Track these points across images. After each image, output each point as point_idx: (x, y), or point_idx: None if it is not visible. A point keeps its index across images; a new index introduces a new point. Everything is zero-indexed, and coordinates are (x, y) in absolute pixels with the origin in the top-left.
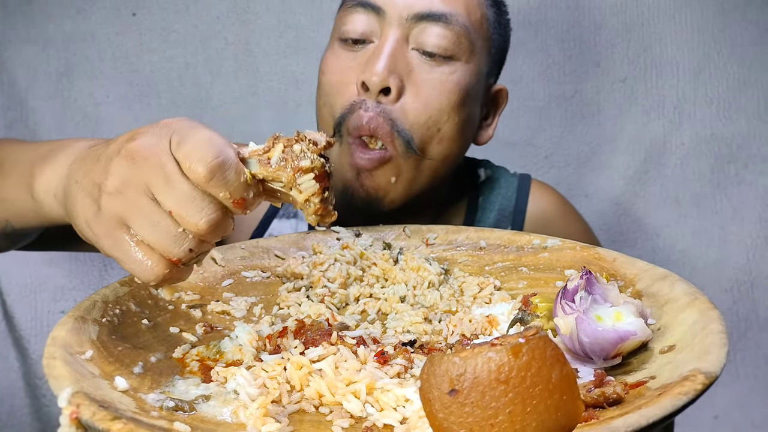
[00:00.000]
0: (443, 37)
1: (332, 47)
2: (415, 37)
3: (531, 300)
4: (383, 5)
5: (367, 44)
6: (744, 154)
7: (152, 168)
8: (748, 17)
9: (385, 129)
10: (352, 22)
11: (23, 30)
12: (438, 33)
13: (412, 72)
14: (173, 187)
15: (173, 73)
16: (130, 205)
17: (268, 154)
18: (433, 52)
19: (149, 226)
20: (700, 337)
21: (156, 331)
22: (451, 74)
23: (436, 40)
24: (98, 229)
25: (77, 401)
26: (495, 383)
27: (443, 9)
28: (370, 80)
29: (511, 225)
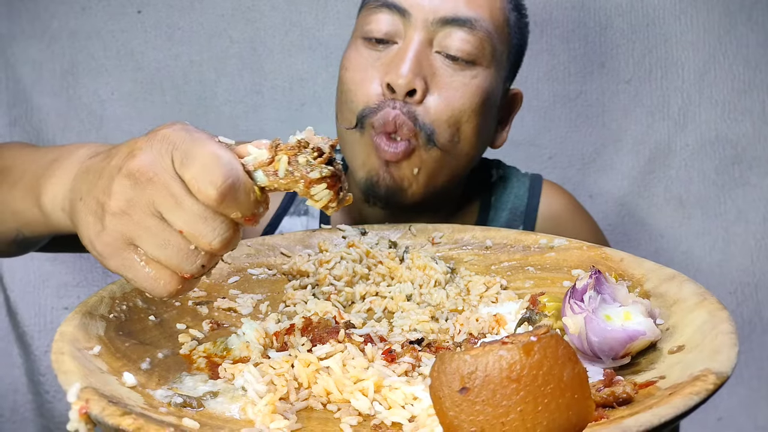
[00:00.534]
0: (467, 41)
1: (355, 44)
2: (439, 40)
3: (539, 299)
4: (409, 8)
5: (390, 44)
6: (749, 156)
7: (157, 189)
8: (753, 18)
9: (409, 125)
10: (377, 21)
11: (28, 27)
12: (462, 38)
13: (435, 74)
14: (182, 208)
15: (178, 70)
16: (137, 226)
17: (273, 165)
18: (456, 56)
19: (159, 246)
20: (709, 338)
21: (163, 327)
22: (473, 78)
23: (460, 45)
24: (104, 249)
25: (86, 396)
26: (506, 381)
27: (468, 14)
28: (396, 82)
29: (523, 224)
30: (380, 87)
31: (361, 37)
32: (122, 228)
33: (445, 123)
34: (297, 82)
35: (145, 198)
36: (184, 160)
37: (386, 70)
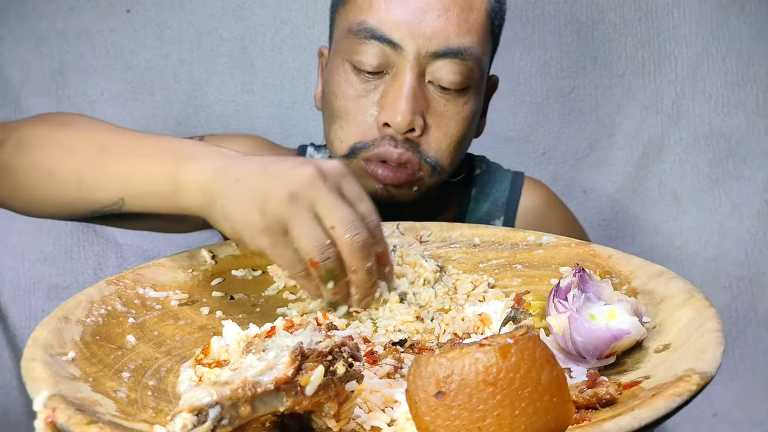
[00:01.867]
0: (458, 73)
1: (343, 71)
2: (431, 72)
3: (524, 298)
4: (401, 41)
5: (382, 75)
6: (743, 149)
7: (322, 193)
8: (746, 11)
9: (415, 161)
10: (366, 53)
11: (16, 27)
12: (454, 70)
13: (430, 106)
14: (340, 209)
15: (168, 70)
16: (295, 214)
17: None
18: (449, 88)
19: (305, 234)
20: (695, 336)
21: (143, 331)
22: (465, 104)
23: (452, 77)
24: (259, 225)
25: (53, 404)
26: (482, 385)
27: (459, 44)
28: (395, 122)
29: (504, 215)
30: (375, 122)
31: (349, 63)
32: (283, 213)
33: (446, 152)
34: (288, 80)
35: (309, 197)
36: (357, 196)
37: (381, 106)
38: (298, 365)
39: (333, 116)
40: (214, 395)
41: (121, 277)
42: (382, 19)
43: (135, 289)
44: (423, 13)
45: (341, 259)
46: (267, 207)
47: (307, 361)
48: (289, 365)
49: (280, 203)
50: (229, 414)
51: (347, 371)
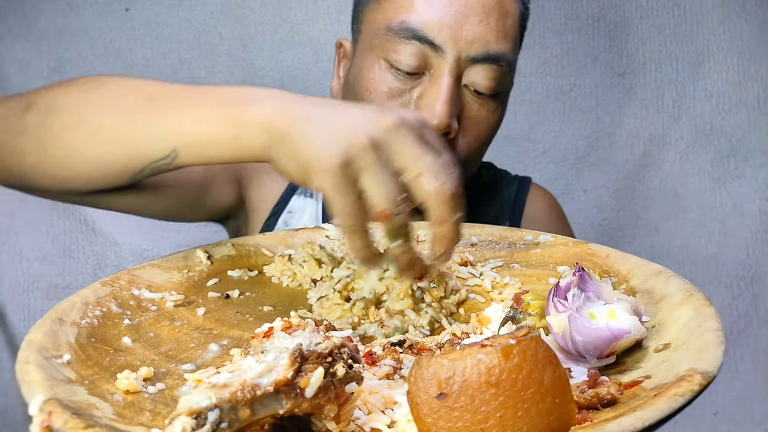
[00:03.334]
0: (494, 79)
1: (378, 68)
2: (468, 76)
3: (523, 298)
4: (442, 44)
5: (420, 76)
6: (744, 148)
7: (409, 141)
8: (747, 9)
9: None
10: (406, 53)
11: (14, 25)
12: (490, 75)
13: (464, 109)
14: (426, 155)
15: (167, 68)
16: (373, 163)
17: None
18: (483, 92)
19: (379, 182)
20: (695, 335)
21: (138, 332)
22: (496, 109)
23: (488, 83)
24: (330, 164)
25: (49, 408)
26: (485, 386)
27: (497, 50)
28: (433, 124)
29: (509, 220)
30: None
31: (385, 60)
32: (357, 157)
33: (474, 154)
34: (288, 78)
35: (393, 142)
36: (441, 146)
37: (418, 106)
38: (298, 367)
39: None
40: (212, 398)
41: (116, 278)
42: (423, 20)
43: (130, 290)
44: (465, 17)
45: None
46: (344, 147)
47: (306, 363)
48: (288, 367)
49: (359, 147)
50: (228, 417)
51: (347, 373)
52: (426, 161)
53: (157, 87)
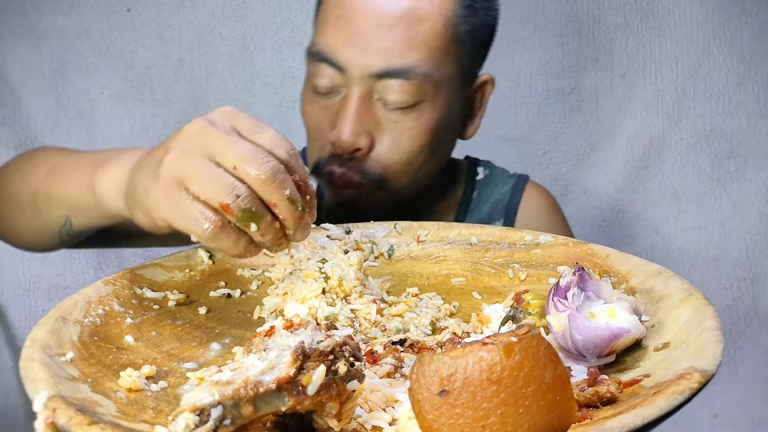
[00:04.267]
0: (404, 91)
1: (307, 91)
2: (378, 91)
3: (523, 297)
4: (344, 64)
5: (335, 95)
6: (744, 150)
7: (214, 136)
8: (747, 11)
9: (355, 180)
10: (319, 76)
11: (16, 26)
12: (399, 89)
13: (379, 123)
14: (237, 147)
15: (168, 69)
16: (190, 166)
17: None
18: (396, 106)
19: (205, 181)
20: (695, 334)
21: (140, 331)
22: (417, 120)
23: (399, 96)
24: (157, 193)
25: (53, 405)
26: (486, 383)
27: (401, 64)
28: (339, 142)
29: (503, 218)
30: (328, 140)
31: (310, 82)
32: (176, 171)
33: (395, 167)
34: (288, 79)
35: (201, 144)
36: (256, 128)
37: (331, 125)
38: (300, 365)
39: (307, 134)
40: (216, 395)
41: (118, 277)
42: (329, 42)
43: (132, 289)
44: (368, 34)
45: (256, 199)
46: (161, 170)
47: (308, 361)
48: (290, 365)
49: (172, 162)
50: (231, 414)
51: (349, 371)
52: (236, 151)
53: (61, 159)
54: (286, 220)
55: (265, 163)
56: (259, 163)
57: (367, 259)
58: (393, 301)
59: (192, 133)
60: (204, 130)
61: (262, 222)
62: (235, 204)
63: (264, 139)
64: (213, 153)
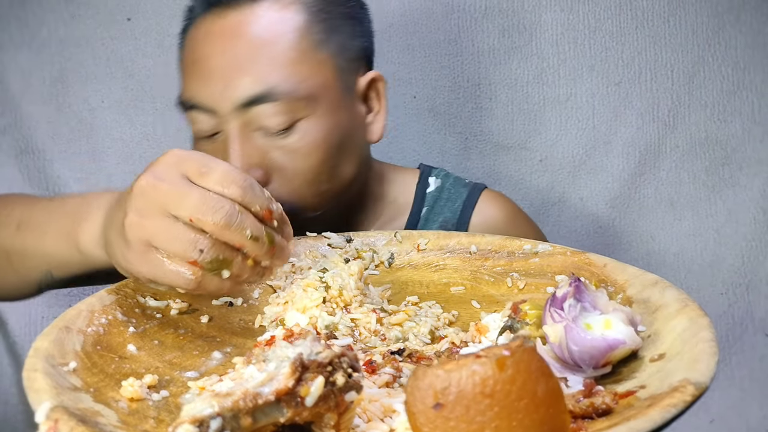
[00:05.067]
0: (276, 113)
1: (194, 141)
2: (253, 122)
3: (520, 307)
4: (211, 104)
5: (218, 136)
6: (739, 157)
7: (164, 191)
8: (742, 20)
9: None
10: (195, 122)
11: (17, 34)
12: (271, 112)
13: (266, 154)
14: (189, 197)
15: (168, 77)
16: (150, 228)
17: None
18: (275, 129)
19: (170, 240)
20: (689, 346)
21: (143, 340)
22: (302, 139)
23: (273, 119)
24: (132, 257)
25: (56, 416)
26: (480, 397)
27: (261, 89)
28: None
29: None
30: None
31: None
32: (140, 234)
33: (297, 192)
34: None
35: (154, 202)
36: (203, 169)
37: None
38: (299, 376)
39: None
40: (215, 407)
41: (122, 286)
42: (191, 88)
43: (135, 298)
44: (220, 70)
45: (222, 246)
46: (127, 236)
47: (307, 372)
48: (289, 376)
49: (132, 226)
50: (230, 425)
51: (347, 382)
52: (189, 202)
53: (25, 212)
54: (256, 257)
55: (218, 210)
56: (213, 211)
57: (368, 267)
58: (393, 310)
59: (143, 191)
60: (153, 187)
61: (233, 266)
62: (202, 258)
63: (214, 179)
64: (168, 208)
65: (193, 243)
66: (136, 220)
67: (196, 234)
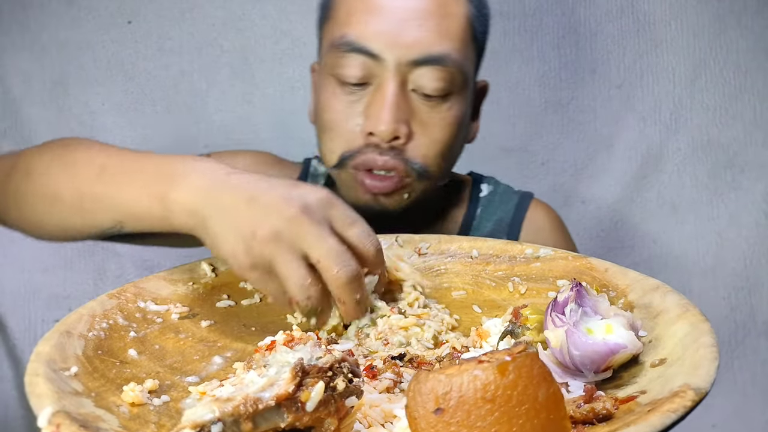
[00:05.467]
0: (440, 79)
1: (329, 85)
2: (413, 80)
3: (522, 312)
4: (381, 53)
5: (366, 86)
6: (740, 160)
7: (308, 228)
8: (743, 23)
9: (401, 167)
10: (349, 66)
11: (18, 38)
12: (435, 76)
13: (414, 113)
14: (325, 242)
15: (169, 80)
16: (277, 255)
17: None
18: (432, 94)
19: (287, 274)
20: (690, 351)
21: (144, 344)
22: (449, 110)
23: (434, 84)
24: (246, 262)
25: (58, 421)
26: (481, 402)
27: (438, 51)
28: (379, 130)
29: (507, 235)
30: (361, 132)
31: (333, 77)
32: (265, 252)
33: (433, 158)
34: (288, 90)
35: (293, 236)
36: (347, 220)
37: (366, 115)
38: (299, 381)
39: (323, 129)
40: (216, 412)
41: (122, 290)
42: (361, 31)
43: (136, 302)
44: (401, 23)
45: (325, 296)
46: (252, 244)
47: (307, 377)
48: (290, 381)
49: (264, 242)
50: (231, 430)
51: (347, 387)
52: (323, 249)
53: (110, 159)
54: (346, 315)
55: (346, 266)
56: (342, 265)
57: None
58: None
59: (288, 219)
60: (299, 221)
61: (321, 318)
62: (303, 304)
63: (354, 232)
64: (301, 244)
65: (305, 289)
66: (269, 239)
67: (313, 279)
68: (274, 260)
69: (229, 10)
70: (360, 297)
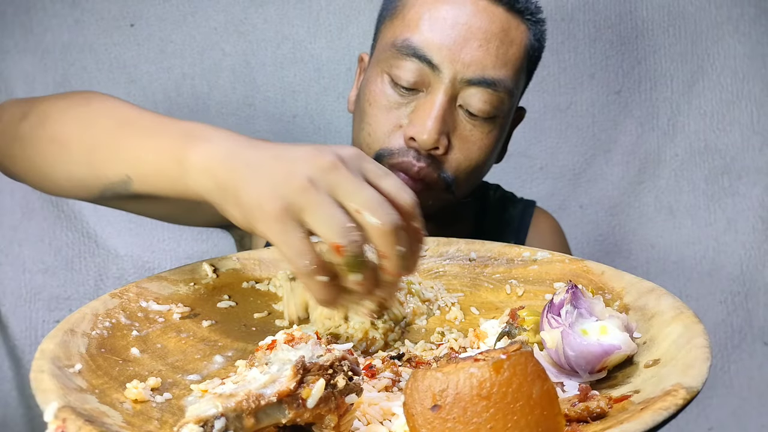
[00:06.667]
0: (489, 102)
1: (380, 81)
2: (463, 97)
3: (518, 313)
4: (439, 64)
5: (416, 92)
6: (737, 166)
7: (344, 176)
8: (740, 30)
9: (433, 176)
10: (405, 69)
11: (21, 40)
12: (485, 99)
13: (456, 128)
14: (364, 191)
15: (171, 83)
16: (312, 200)
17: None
18: (477, 115)
19: (325, 219)
20: (684, 351)
21: (146, 343)
22: (490, 132)
23: (482, 106)
24: (272, 210)
25: (63, 416)
26: (477, 399)
27: (494, 76)
28: (421, 138)
29: (515, 240)
30: (402, 135)
31: (387, 74)
32: (299, 199)
33: (464, 174)
34: (289, 94)
35: (330, 182)
36: (381, 172)
37: (411, 120)
38: (300, 378)
39: (363, 122)
40: (219, 407)
41: (125, 290)
42: (425, 39)
43: (138, 302)
44: (465, 41)
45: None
46: (283, 191)
47: (308, 375)
48: (291, 378)
49: (298, 189)
50: (233, 425)
51: (347, 384)
52: (363, 197)
53: (132, 113)
54: (389, 273)
55: (388, 214)
56: (383, 213)
57: None
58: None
59: (323, 166)
60: (335, 167)
61: (367, 272)
62: (350, 248)
63: (388, 184)
64: (339, 192)
65: (348, 230)
66: (305, 186)
67: (354, 225)
68: (309, 207)
69: (231, 13)
70: (403, 251)
